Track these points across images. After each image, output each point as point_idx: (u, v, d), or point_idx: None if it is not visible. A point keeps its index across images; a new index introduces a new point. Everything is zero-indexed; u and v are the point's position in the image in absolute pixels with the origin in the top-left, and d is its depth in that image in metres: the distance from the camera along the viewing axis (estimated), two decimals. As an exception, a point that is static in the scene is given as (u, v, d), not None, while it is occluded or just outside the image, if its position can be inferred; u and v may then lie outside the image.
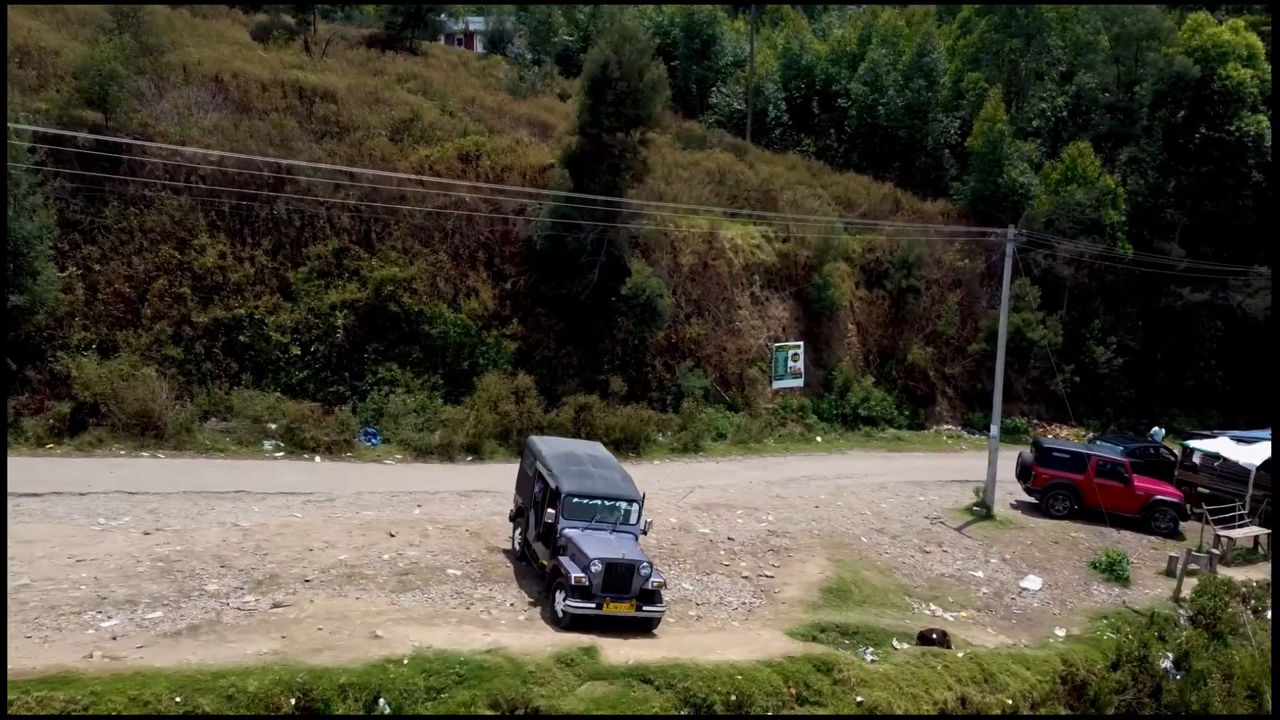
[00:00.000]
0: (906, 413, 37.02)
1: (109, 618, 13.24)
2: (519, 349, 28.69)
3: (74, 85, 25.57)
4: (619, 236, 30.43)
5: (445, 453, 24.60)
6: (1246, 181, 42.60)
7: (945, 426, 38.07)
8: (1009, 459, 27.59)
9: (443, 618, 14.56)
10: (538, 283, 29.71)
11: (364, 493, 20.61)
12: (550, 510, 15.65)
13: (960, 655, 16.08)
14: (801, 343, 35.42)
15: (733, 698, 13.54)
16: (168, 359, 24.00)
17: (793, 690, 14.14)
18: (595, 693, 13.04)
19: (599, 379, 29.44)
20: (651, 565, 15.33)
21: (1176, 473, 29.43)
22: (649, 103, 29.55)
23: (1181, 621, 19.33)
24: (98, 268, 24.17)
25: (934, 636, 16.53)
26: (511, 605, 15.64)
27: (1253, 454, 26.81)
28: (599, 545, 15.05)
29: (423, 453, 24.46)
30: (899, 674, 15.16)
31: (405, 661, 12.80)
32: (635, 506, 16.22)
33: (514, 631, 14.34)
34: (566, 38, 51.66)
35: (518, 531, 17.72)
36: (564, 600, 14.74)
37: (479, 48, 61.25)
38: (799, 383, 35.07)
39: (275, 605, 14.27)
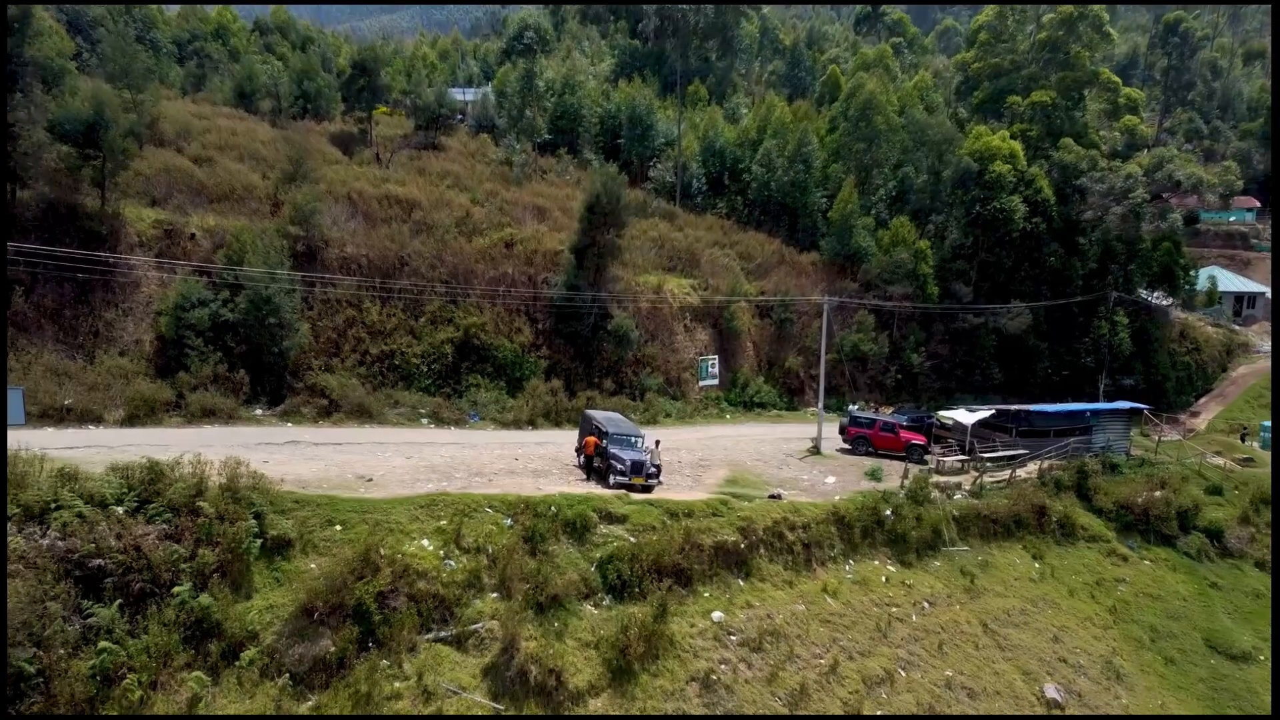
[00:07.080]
0: (785, 400, 57.15)
1: (428, 484, 31.89)
2: (548, 365, 47.73)
3: (289, 214, 43.88)
4: (604, 294, 49.81)
5: (517, 425, 43.53)
6: (1005, 242, 63.97)
7: (810, 409, 58.20)
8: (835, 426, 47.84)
9: (562, 485, 33.57)
10: (558, 324, 48.80)
11: (490, 443, 39.42)
12: (603, 440, 34.83)
13: (785, 502, 35.81)
14: (716, 356, 55.17)
15: (688, 510, 32.84)
16: (360, 375, 42.44)
17: (710, 510, 33.50)
18: (633, 508, 32.13)
19: (595, 381, 48.71)
20: (657, 466, 34.60)
21: (935, 430, 50.05)
22: (623, 215, 49.05)
23: (900, 495, 39.33)
24: (319, 323, 42.46)
25: (775, 496, 36.18)
26: (584, 481, 34.78)
27: (970, 417, 47.25)
28: (628, 454, 34.18)
29: (505, 425, 43.33)
30: (756, 508, 34.68)
31: (556, 496, 31.70)
32: (641, 438, 35.47)
33: (593, 489, 33.45)
34: (546, 136, 70.77)
35: (581, 456, 36.77)
36: (614, 478, 33.83)
37: (466, 119, 78.64)
38: (715, 382, 54.80)
39: (489, 480, 33.13)
